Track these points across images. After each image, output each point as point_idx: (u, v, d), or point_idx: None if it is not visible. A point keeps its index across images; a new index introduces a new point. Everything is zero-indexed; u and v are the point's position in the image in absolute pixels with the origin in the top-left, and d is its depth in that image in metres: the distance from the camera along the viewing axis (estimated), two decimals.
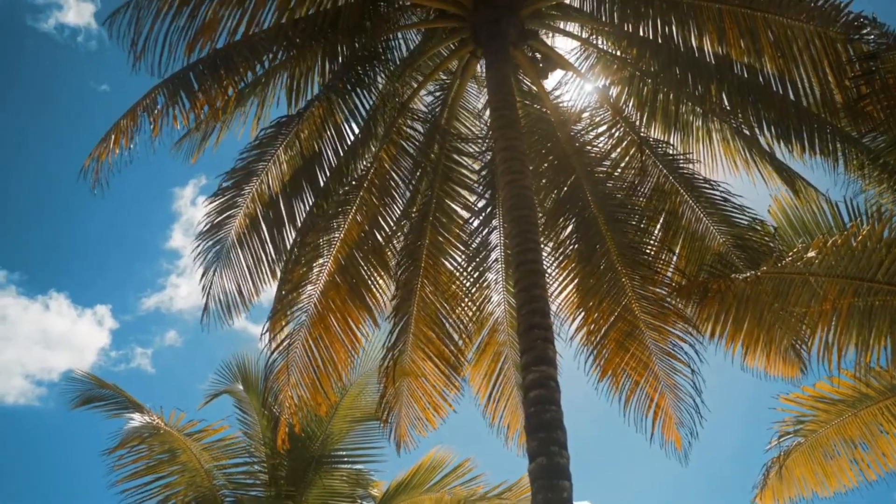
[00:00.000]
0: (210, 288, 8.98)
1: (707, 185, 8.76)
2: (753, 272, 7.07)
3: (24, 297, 26.75)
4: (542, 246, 8.52)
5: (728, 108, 8.20)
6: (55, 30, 24.88)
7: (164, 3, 7.32)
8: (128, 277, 28.09)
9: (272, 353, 9.16)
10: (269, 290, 9.34)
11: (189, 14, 7.43)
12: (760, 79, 7.81)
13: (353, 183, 9.02)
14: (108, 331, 27.41)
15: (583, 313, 9.00)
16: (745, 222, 8.57)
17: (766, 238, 8.34)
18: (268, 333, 9.06)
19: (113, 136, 7.98)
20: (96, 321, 27.61)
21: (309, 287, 9.20)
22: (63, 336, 27.69)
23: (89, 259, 27.28)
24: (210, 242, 8.96)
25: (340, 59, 8.43)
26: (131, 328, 27.92)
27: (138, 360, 27.09)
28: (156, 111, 7.84)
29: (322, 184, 9.02)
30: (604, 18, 8.46)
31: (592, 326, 8.89)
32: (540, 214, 8.87)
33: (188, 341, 25.57)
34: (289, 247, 9.07)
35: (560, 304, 9.12)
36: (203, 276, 8.93)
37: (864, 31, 6.93)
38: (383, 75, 8.73)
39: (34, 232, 26.19)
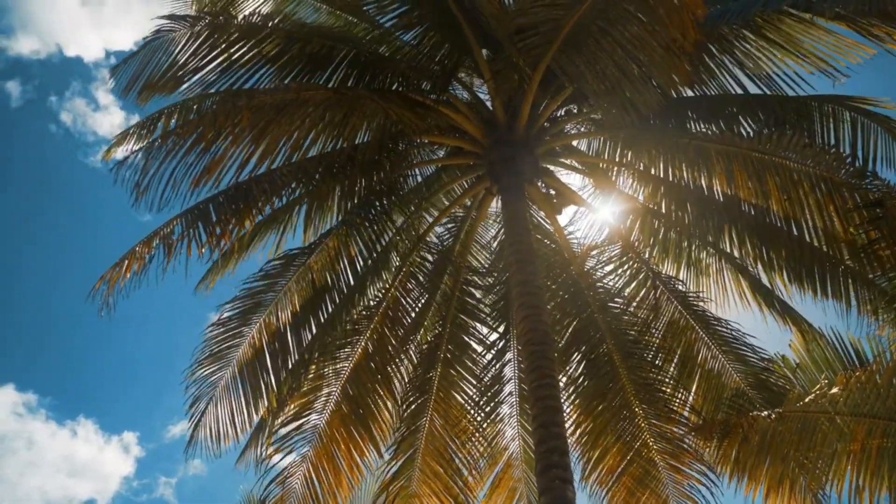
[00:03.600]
0: (201, 417, 8.75)
1: (719, 324, 8.75)
2: (777, 409, 6.95)
3: (54, 421, 26.71)
4: None
5: (738, 246, 8.28)
6: (101, 163, 26.10)
7: (175, 145, 7.18)
8: (157, 404, 28.25)
9: (269, 483, 8.91)
10: (274, 419, 9.10)
11: (200, 152, 7.28)
12: (768, 220, 7.94)
13: (365, 313, 8.96)
14: (134, 458, 26.90)
15: (597, 453, 8.77)
16: (759, 363, 8.51)
17: (782, 381, 8.14)
18: (265, 462, 8.84)
19: (126, 262, 7.91)
20: (122, 448, 27.31)
21: (313, 416, 9.01)
22: (88, 463, 27.67)
23: (120, 385, 27.58)
24: (209, 370, 8.79)
25: (357, 194, 8.56)
26: (157, 456, 27.67)
27: (161, 489, 26.53)
28: (171, 241, 7.81)
29: (332, 313, 8.94)
30: (616, 158, 8.74)
31: (605, 468, 8.66)
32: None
33: (213, 471, 24.96)
34: (292, 376, 8.89)
35: (573, 442, 8.89)
36: (192, 405, 8.70)
37: (867, 180, 7.12)
38: (399, 209, 8.85)
39: (67, 356, 26.43)
